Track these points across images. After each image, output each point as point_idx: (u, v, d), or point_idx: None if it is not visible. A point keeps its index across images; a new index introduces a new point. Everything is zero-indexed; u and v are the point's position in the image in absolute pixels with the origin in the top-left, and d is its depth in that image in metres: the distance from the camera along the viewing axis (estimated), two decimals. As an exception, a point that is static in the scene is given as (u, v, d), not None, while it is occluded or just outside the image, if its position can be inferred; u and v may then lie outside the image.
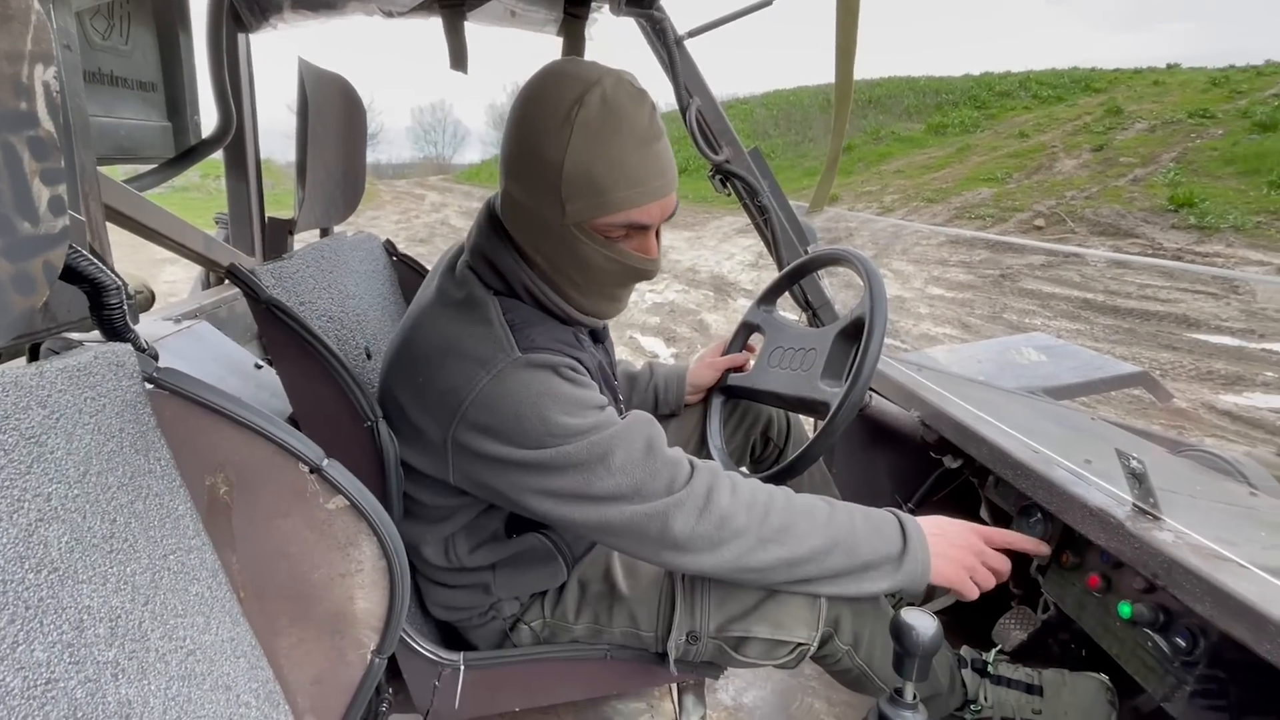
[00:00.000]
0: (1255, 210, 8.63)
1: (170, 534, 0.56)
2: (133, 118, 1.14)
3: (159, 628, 0.51)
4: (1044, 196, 10.39)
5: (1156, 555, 0.82)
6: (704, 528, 0.89)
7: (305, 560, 0.66)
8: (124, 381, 0.54)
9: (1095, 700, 1.16)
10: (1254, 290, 6.62)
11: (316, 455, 0.64)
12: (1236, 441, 3.43)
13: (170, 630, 0.52)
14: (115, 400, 0.53)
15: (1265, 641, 0.70)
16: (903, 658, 0.87)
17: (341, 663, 0.69)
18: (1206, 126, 11.68)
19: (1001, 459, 1.09)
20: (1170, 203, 9.06)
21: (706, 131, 1.52)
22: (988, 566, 1.00)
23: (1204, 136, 11.29)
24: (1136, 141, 11.80)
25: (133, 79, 1.14)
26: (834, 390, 1.09)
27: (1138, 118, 12.81)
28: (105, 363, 0.52)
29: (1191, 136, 11.42)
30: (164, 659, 0.51)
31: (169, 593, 0.53)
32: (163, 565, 0.54)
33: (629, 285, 0.96)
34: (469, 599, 1.08)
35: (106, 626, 0.46)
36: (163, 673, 0.50)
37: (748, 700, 1.37)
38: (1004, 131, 13.88)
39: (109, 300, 0.60)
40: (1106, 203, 9.70)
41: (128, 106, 1.12)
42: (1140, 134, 12.10)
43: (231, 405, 0.60)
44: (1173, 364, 4.76)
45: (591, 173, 0.84)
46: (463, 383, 0.88)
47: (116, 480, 0.51)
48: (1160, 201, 9.30)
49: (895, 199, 11.65)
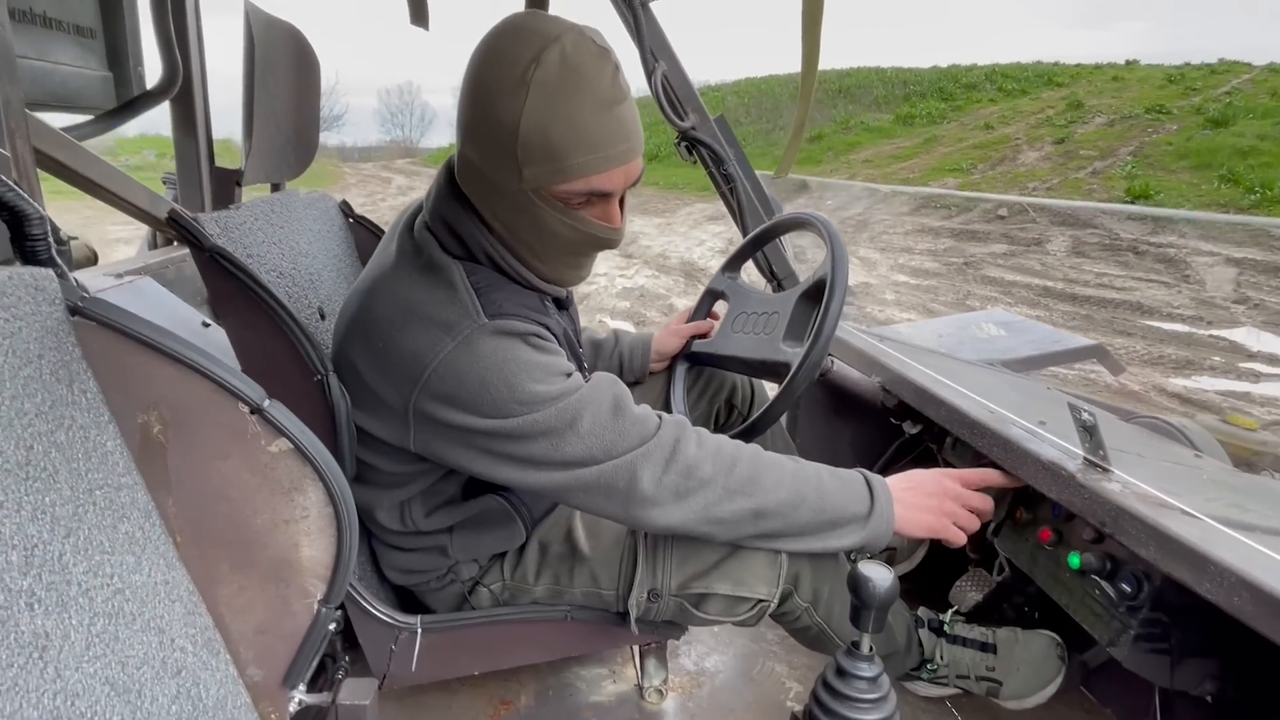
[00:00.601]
0: (1207, 203, 8.92)
1: (97, 468, 0.53)
2: (68, 63, 1.08)
3: (82, 562, 0.49)
4: (1008, 187, 10.59)
5: (1105, 504, 0.84)
6: (670, 478, 0.88)
7: (246, 505, 0.63)
8: (44, 307, 0.51)
9: (1046, 656, 1.19)
10: (1203, 279, 6.84)
11: (257, 395, 0.61)
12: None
13: (95, 566, 0.50)
14: (33, 325, 0.50)
15: (1205, 581, 0.72)
16: (859, 610, 0.88)
17: (286, 612, 0.67)
18: (1162, 122, 12.02)
19: (959, 419, 1.10)
20: (1127, 194, 9.31)
21: (672, 97, 1.50)
22: (970, 508, 1.00)
23: (1160, 131, 11.62)
24: (1096, 135, 12.10)
25: (68, 22, 1.08)
26: (795, 351, 1.09)
27: (1098, 112, 13.12)
28: (21, 284, 0.49)
29: (1148, 131, 11.74)
30: (88, 594, 0.48)
31: (94, 528, 0.51)
32: (87, 499, 0.51)
33: (591, 254, 0.93)
34: (426, 562, 1.06)
35: (20, 554, 0.43)
36: (86, 608, 0.48)
37: (709, 664, 1.38)
38: (969, 123, 14.10)
39: (31, 230, 0.57)
40: (1067, 194, 9.93)
41: (62, 51, 1.07)
42: (1100, 128, 12.40)
43: (165, 340, 0.57)
44: (1126, 349, 4.90)
45: (549, 136, 0.80)
46: (426, 349, 0.85)
47: (34, 407, 0.48)
48: (1118, 193, 9.56)
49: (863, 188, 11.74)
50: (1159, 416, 1.38)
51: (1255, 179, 9.11)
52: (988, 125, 13.66)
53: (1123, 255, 7.82)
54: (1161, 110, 12.28)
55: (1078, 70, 16.17)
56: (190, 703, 0.56)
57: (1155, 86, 13.82)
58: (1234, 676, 0.85)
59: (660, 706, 1.28)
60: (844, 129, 15.24)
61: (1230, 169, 9.51)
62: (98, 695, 0.46)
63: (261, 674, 0.67)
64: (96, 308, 0.55)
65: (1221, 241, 7.94)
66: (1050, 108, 13.85)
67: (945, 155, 12.61)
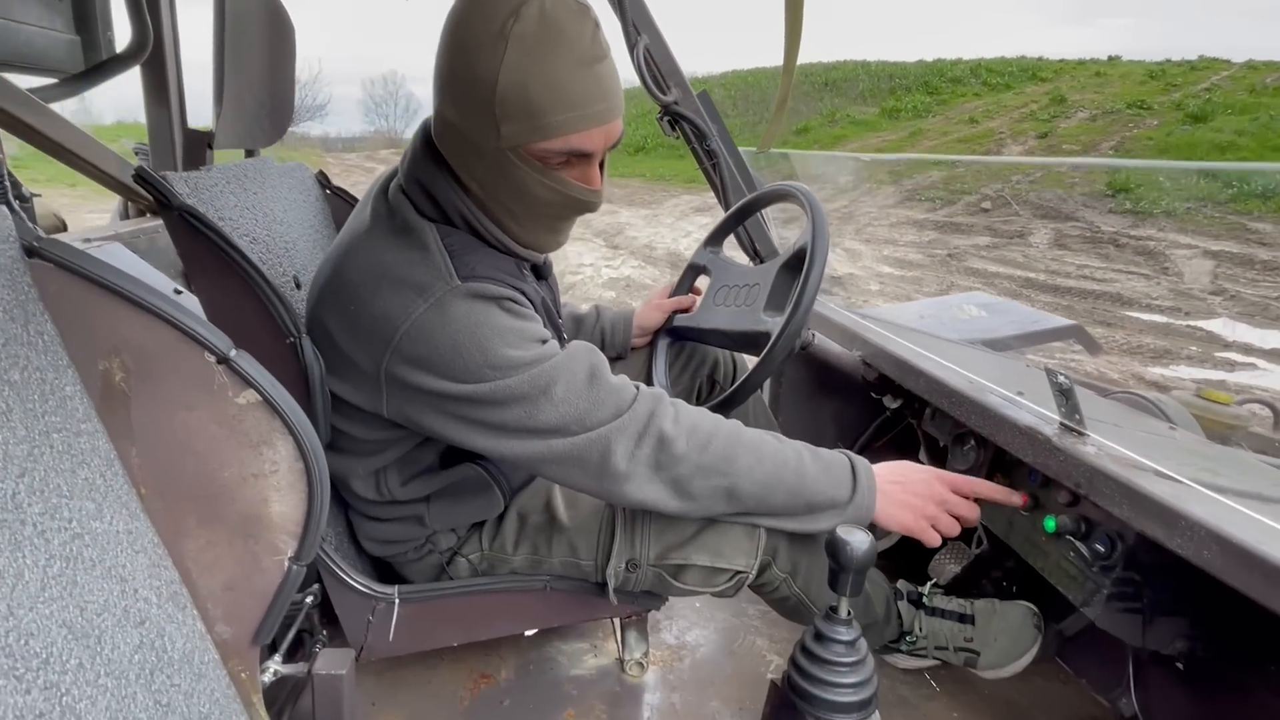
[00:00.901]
0: (1186, 197, 9.02)
1: (54, 412, 0.52)
2: (33, 24, 1.05)
3: (38, 503, 0.47)
4: (991, 180, 10.66)
5: (1080, 466, 0.84)
6: (644, 453, 0.88)
7: (213, 458, 0.62)
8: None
9: (1022, 625, 1.20)
10: (1182, 272, 6.94)
11: (224, 345, 0.60)
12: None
13: (52, 508, 0.49)
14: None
15: (1176, 537, 0.72)
16: (837, 573, 0.88)
17: (256, 569, 0.66)
18: (1143, 117, 12.14)
19: (938, 389, 1.11)
20: (1108, 188, 9.41)
21: (655, 71, 1.49)
22: (954, 514, 0.98)
23: (1141, 126, 11.75)
24: (1079, 130, 12.20)
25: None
26: (776, 320, 1.09)
27: (1080, 107, 13.23)
28: (-26, 217, 0.48)
29: (1129, 126, 11.86)
30: (43, 535, 0.47)
31: (51, 471, 0.50)
32: (44, 441, 0.50)
33: (570, 217, 0.92)
34: (403, 532, 1.05)
35: (-29, 489, 0.42)
36: (41, 549, 0.47)
37: (690, 638, 1.38)
38: (954, 117, 14.18)
39: (-15, 171, 0.55)
40: (1049, 187, 10.02)
41: (26, 10, 1.04)
42: (1082, 122, 12.51)
43: (127, 285, 0.56)
44: (1106, 338, 4.96)
45: (527, 93, 0.78)
46: (397, 311, 0.84)
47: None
48: (1099, 187, 9.65)
49: (849, 180, 11.79)
50: (1135, 391, 1.39)
51: (1233, 173, 9.23)
52: (972, 119, 13.74)
53: (1103, 248, 7.92)
54: (1143, 106, 12.41)
55: (1061, 65, 16.29)
56: (155, 654, 0.55)
57: (1137, 82, 13.96)
58: (1204, 635, 0.86)
59: (641, 679, 1.28)
60: (830, 122, 15.29)
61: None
62: (54, 637, 0.45)
63: (230, 631, 0.66)
64: (54, 249, 0.53)
65: (1199, 235, 8.05)
66: (1034, 102, 13.95)
67: (930, 148, 12.67)
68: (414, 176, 0.90)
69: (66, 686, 0.45)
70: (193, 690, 0.59)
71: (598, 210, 0.91)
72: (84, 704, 0.46)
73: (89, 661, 0.48)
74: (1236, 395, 1.44)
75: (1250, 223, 8.14)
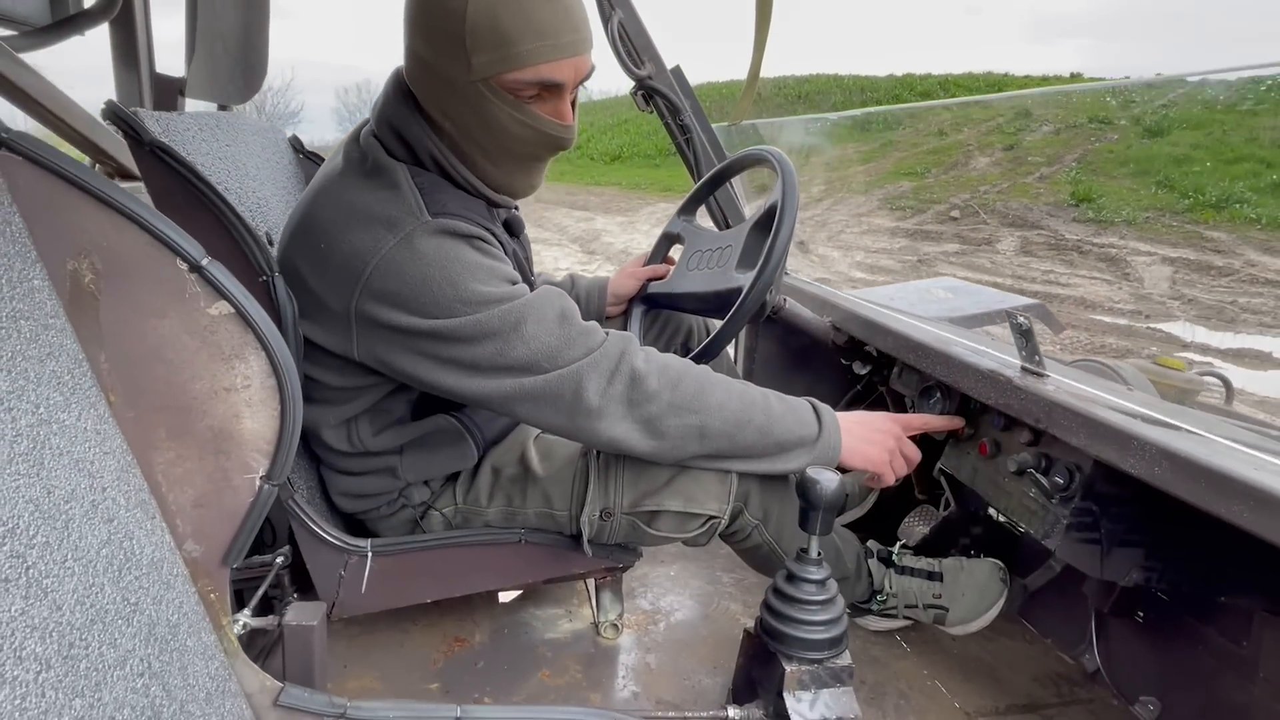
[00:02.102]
0: (1145, 207, 9.32)
1: (22, 299, 0.51)
2: (-1, -27, 1.04)
3: (4, 380, 0.47)
4: (959, 190, 10.90)
5: (1039, 401, 0.87)
6: (616, 389, 0.89)
7: (185, 369, 0.62)
8: (-34, 128, 0.50)
9: (989, 579, 1.23)
10: (1142, 277, 7.15)
11: (197, 252, 0.60)
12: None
13: (19, 389, 0.48)
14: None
15: (1129, 457, 0.75)
16: (808, 512, 0.90)
17: (227, 486, 0.66)
18: (1104, 131, 12.52)
19: (905, 344, 1.13)
20: (1072, 198, 9.68)
21: (630, 46, 1.51)
22: (903, 455, 1.04)
23: (1102, 140, 12.10)
24: (1043, 142, 12.53)
25: (1, -71, 1.04)
26: (748, 276, 1.11)
27: (1045, 121, 13.59)
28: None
29: (1091, 140, 12.21)
30: (10, 411, 0.47)
31: (18, 355, 0.49)
32: (11, 325, 0.49)
33: (542, 156, 0.93)
34: (375, 485, 1.04)
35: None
36: (8, 424, 0.46)
37: (665, 603, 1.39)
38: (924, 130, 14.47)
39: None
40: (1016, 197, 10.28)
41: (-6, -41, 1.03)
42: (1046, 136, 12.85)
43: (98, 184, 0.56)
44: (1071, 340, 5.09)
45: (498, 21, 0.80)
46: (367, 246, 0.84)
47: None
48: (1063, 197, 9.92)
49: (822, 190, 11.97)
50: (1094, 359, 1.43)
51: (1188, 185, 9.56)
52: (941, 132, 14.04)
53: (1068, 255, 8.12)
54: (1104, 120, 12.79)
55: (1025, 81, 16.75)
56: (123, 553, 0.55)
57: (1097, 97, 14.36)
58: (1158, 567, 0.89)
59: (616, 642, 1.28)
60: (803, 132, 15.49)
61: (1166, 175, 9.96)
62: (19, 511, 0.45)
63: (200, 550, 0.66)
64: (25, 142, 0.53)
65: (1158, 242, 8.31)
66: (1000, 116, 14.29)
67: (901, 160, 12.92)
68: (385, 119, 0.91)
69: (33, 560, 0.45)
70: (161, 597, 0.58)
71: (569, 147, 0.92)
72: (50, 580, 0.45)
73: (56, 542, 0.47)
74: (1191, 367, 1.49)
75: (1206, 231, 8.42)
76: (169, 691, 0.54)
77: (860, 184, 11.91)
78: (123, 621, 0.52)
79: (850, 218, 10.25)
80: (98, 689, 0.47)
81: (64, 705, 0.43)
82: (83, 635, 0.47)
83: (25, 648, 0.42)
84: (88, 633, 0.47)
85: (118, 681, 0.49)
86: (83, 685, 0.45)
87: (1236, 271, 7.22)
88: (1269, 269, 7.20)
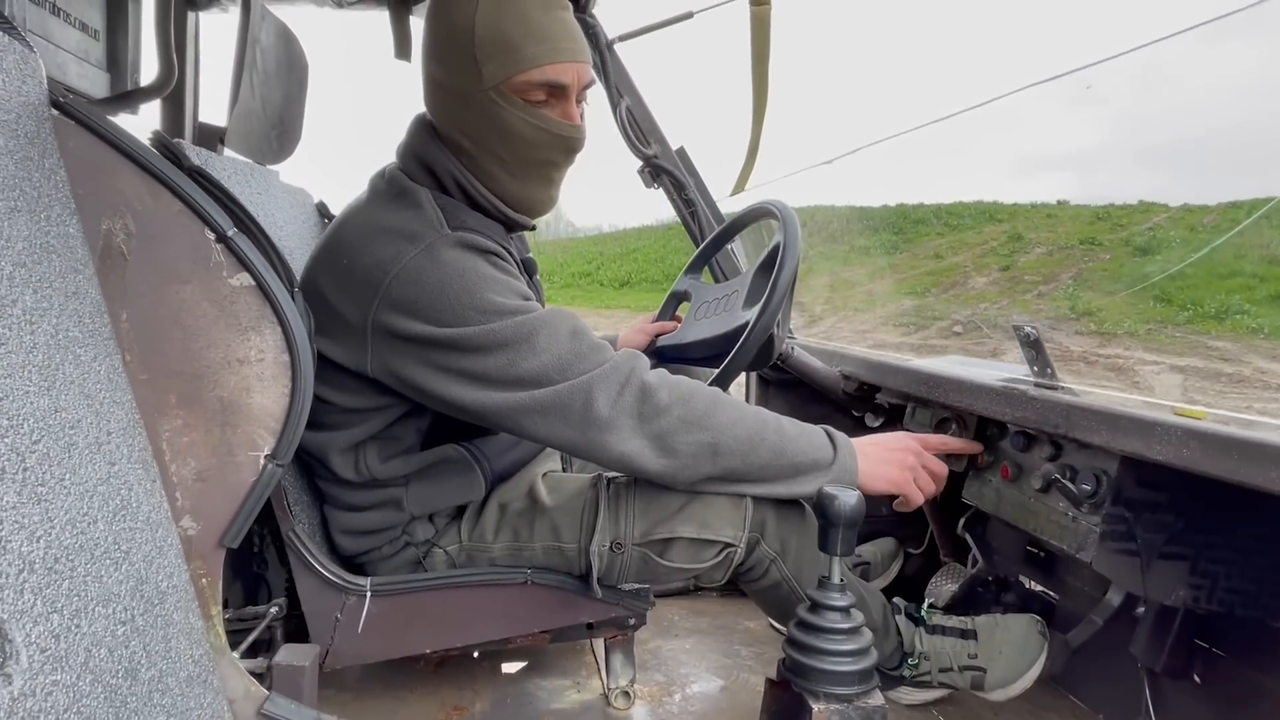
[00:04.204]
0: (1146, 320, 9.47)
1: (55, 239, 0.53)
2: (68, 49, 1.16)
3: (30, 295, 0.48)
4: (960, 308, 11.16)
5: (1057, 408, 0.86)
6: (626, 401, 0.88)
7: (201, 335, 0.63)
8: (27, 84, 0.54)
9: (1027, 634, 1.14)
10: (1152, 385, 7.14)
11: (225, 223, 0.63)
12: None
13: (43, 309, 0.49)
14: (14, 102, 0.52)
15: (1155, 444, 0.73)
16: (827, 530, 0.86)
17: (230, 461, 0.64)
18: (1096, 251, 12.98)
19: (916, 379, 1.13)
20: (1072, 312, 9.87)
21: (636, 129, 1.63)
22: (927, 470, 1.00)
23: (1094, 259, 12.52)
24: (1038, 263, 12.98)
25: (74, 17, 1.17)
26: (754, 311, 1.13)
27: (1037, 244, 14.15)
28: (14, 54, 0.52)
29: (1084, 260, 12.65)
30: (31, 323, 0.47)
31: (43, 282, 0.50)
32: (43, 254, 0.51)
33: (556, 160, 0.98)
34: (380, 519, 1.01)
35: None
36: (28, 332, 0.47)
37: (681, 673, 1.29)
38: (920, 253, 15.07)
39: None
40: (1017, 313, 10.50)
41: (64, 36, 1.15)
42: (1040, 257, 13.33)
43: (140, 150, 0.60)
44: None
45: (503, 30, 0.89)
46: (389, 257, 0.87)
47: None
48: (1063, 311, 10.13)
49: (824, 309, 12.30)
50: (1111, 410, 1.42)
51: (1186, 298, 9.77)
52: (938, 255, 14.60)
53: (1074, 365, 8.18)
54: (1094, 242, 13.30)
55: (1014, 209, 17.58)
56: (119, 499, 0.53)
57: (1085, 222, 15.04)
58: (1207, 585, 0.83)
59: (628, 713, 1.18)
60: (802, 259, 16.13)
61: (1162, 290, 10.20)
62: (25, 414, 0.44)
63: (197, 528, 0.64)
64: (78, 106, 0.58)
65: (1162, 352, 8.38)
66: (993, 240, 14.91)
67: (900, 281, 13.35)
68: (409, 151, 0.98)
69: (32, 464, 0.44)
70: (151, 560, 0.56)
71: (580, 149, 0.97)
72: (45, 490, 0.44)
73: (55, 458, 0.46)
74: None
75: (1210, 341, 8.50)
76: (149, 653, 0.51)
77: (862, 302, 12.24)
78: (111, 564, 0.49)
79: (855, 334, 10.45)
80: (77, 616, 0.44)
81: (40, 614, 0.41)
82: (69, 557, 0.45)
83: (11, 541, 0.40)
84: (75, 557, 0.45)
85: (99, 618, 0.46)
86: (63, 605, 0.43)
87: (1247, 379, 7.22)
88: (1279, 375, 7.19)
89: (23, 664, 0.38)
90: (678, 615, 1.52)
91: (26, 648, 0.39)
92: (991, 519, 1.23)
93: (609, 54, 1.59)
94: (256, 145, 1.15)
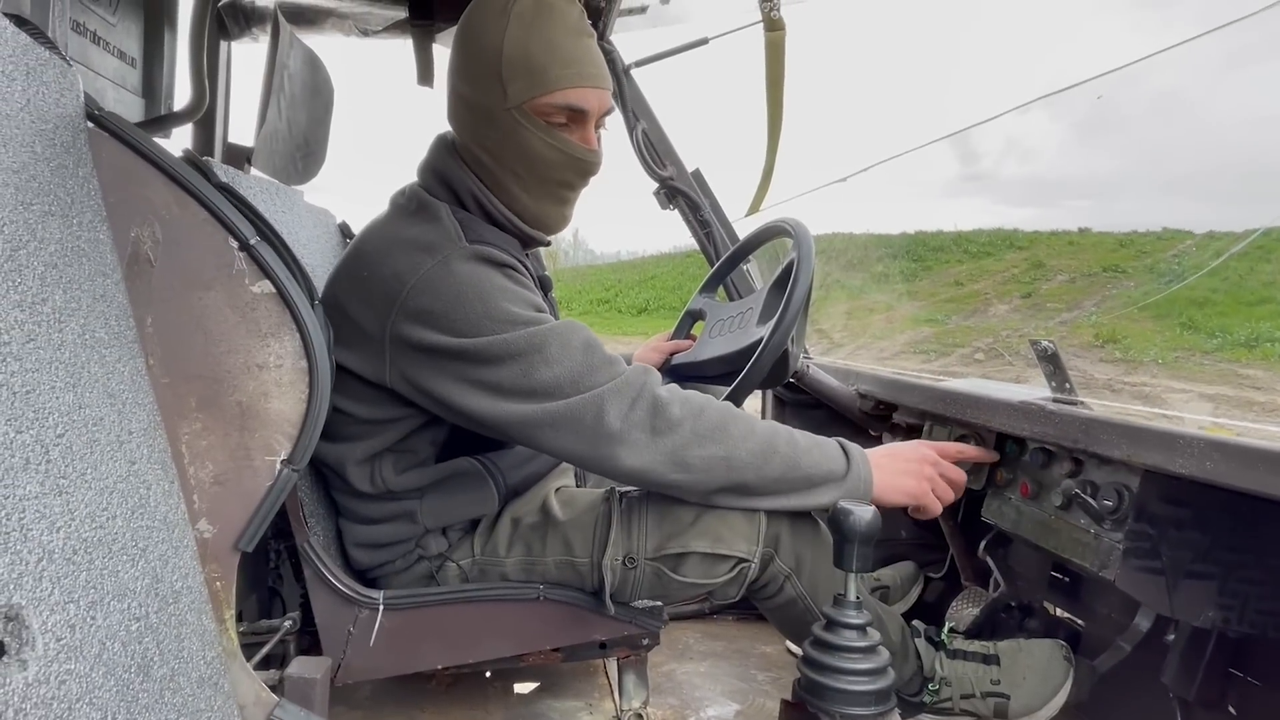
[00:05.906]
0: (1173, 347, 9.30)
1: (86, 244, 0.55)
2: (106, 76, 1.21)
3: (60, 294, 0.50)
4: (981, 335, 11.05)
5: (1076, 422, 0.85)
6: (638, 415, 0.88)
7: (222, 341, 0.64)
8: (65, 97, 0.56)
9: (1051, 659, 1.11)
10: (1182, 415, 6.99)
11: (249, 231, 0.65)
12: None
13: (71, 308, 0.51)
14: (53, 114, 0.55)
15: (1177, 458, 0.72)
16: (843, 545, 0.85)
17: (247, 465, 0.65)
18: (1119, 279, 12.82)
19: (933, 395, 1.12)
20: (1096, 339, 9.73)
21: (653, 151, 1.65)
22: (945, 478, 0.99)
23: (1118, 286, 12.37)
24: (1060, 290, 12.84)
25: (114, 45, 1.22)
26: (769, 326, 1.13)
27: (1059, 271, 14.01)
28: (54, 69, 0.55)
29: (1108, 287, 12.50)
30: (60, 321, 0.49)
31: (72, 284, 0.52)
32: (74, 258, 0.53)
33: (572, 182, 0.99)
34: (393, 532, 1.01)
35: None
36: (56, 331, 0.48)
37: (696, 696, 1.26)
38: (940, 280, 14.98)
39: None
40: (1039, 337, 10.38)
41: (103, 63, 1.20)
42: (1062, 284, 13.19)
43: (169, 161, 0.62)
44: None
45: (529, 53, 0.91)
46: (407, 268, 0.89)
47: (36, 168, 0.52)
48: (1087, 339, 9.98)
49: (844, 335, 12.24)
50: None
51: (1214, 325, 9.60)
52: (958, 282, 14.50)
53: (1099, 393, 8.02)
54: (1118, 269, 13.15)
55: (1035, 236, 17.47)
56: (138, 496, 0.54)
57: (1109, 249, 14.88)
58: (1238, 606, 0.81)
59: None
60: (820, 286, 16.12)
61: (1189, 317, 10.04)
62: (52, 407, 0.46)
63: (213, 531, 0.64)
64: (113, 121, 0.60)
65: (1192, 380, 8.21)
66: (1014, 267, 14.79)
67: (920, 308, 13.27)
68: (429, 168, 1.00)
69: (55, 457, 0.45)
70: (167, 559, 0.57)
71: (595, 173, 0.99)
72: (67, 482, 0.45)
73: (79, 453, 0.47)
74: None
75: (1240, 369, 8.32)
76: (162, 651, 0.51)
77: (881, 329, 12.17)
78: (128, 560, 0.50)
79: (875, 361, 10.37)
80: (93, 608, 0.45)
81: (58, 603, 0.41)
82: (88, 549, 0.46)
83: (33, 530, 0.41)
84: (93, 550, 0.46)
85: (114, 612, 0.47)
86: (79, 596, 0.43)
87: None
88: (1314, 404, 7.01)
89: (38, 651, 0.39)
90: (693, 638, 1.50)
91: (43, 635, 0.39)
92: (1014, 541, 1.20)
93: (626, 79, 1.62)
94: (282, 165, 1.18)
